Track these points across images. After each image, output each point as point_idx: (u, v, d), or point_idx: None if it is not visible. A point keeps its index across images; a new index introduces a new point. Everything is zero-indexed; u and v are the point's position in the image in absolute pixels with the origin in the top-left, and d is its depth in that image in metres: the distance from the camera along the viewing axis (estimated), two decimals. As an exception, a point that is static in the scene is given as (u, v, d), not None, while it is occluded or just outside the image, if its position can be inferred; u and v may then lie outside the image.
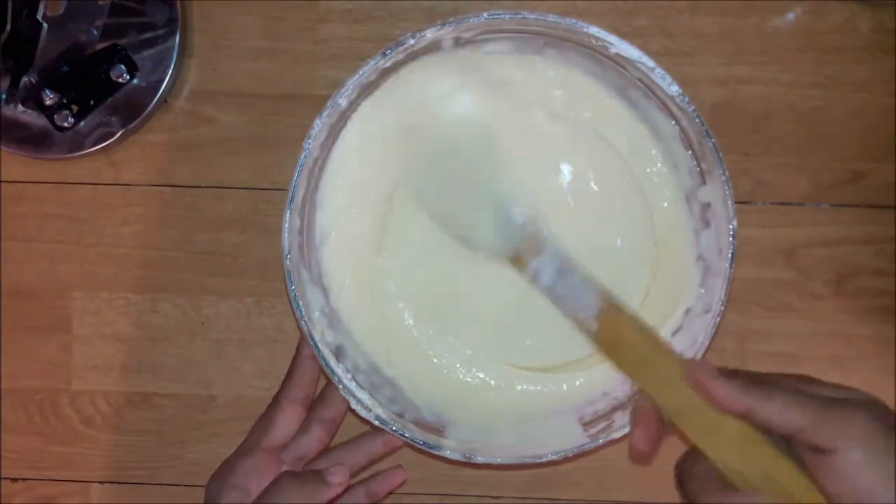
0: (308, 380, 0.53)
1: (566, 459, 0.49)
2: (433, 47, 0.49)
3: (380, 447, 0.53)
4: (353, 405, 0.49)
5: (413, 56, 0.49)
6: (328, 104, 0.47)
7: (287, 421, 0.51)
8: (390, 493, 0.55)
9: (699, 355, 0.49)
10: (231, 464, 0.50)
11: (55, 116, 0.54)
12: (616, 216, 0.53)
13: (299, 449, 0.51)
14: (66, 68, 0.54)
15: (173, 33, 0.55)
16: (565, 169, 0.53)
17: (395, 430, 0.49)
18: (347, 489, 0.53)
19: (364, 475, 0.54)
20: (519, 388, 0.54)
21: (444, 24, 0.47)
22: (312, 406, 0.53)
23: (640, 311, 0.51)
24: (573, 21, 0.47)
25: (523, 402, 0.54)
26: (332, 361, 0.49)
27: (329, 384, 0.53)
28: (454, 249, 0.53)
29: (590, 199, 0.53)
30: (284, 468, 0.50)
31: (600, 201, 0.53)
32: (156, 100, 0.55)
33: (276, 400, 0.52)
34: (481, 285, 0.54)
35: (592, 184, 0.53)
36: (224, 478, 0.50)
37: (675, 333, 0.51)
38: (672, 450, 0.57)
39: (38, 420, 0.58)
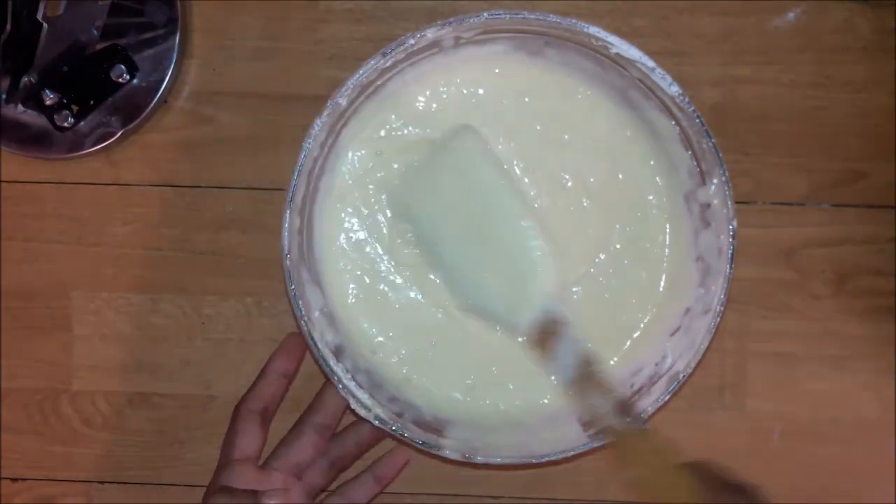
0: (269, 393, 0.52)
1: (566, 459, 0.49)
2: (433, 47, 0.49)
3: (367, 436, 0.53)
4: (353, 405, 0.49)
5: (413, 56, 0.49)
6: (328, 104, 0.47)
7: (247, 431, 0.51)
8: (398, 474, 0.55)
9: (699, 355, 0.49)
10: (213, 482, 0.50)
11: (55, 116, 0.54)
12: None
13: (295, 457, 0.51)
14: (66, 68, 0.54)
15: (173, 33, 0.55)
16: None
17: (394, 430, 0.49)
18: (354, 479, 0.53)
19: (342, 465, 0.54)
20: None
21: (444, 24, 0.47)
22: (304, 414, 0.53)
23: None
24: (573, 21, 0.47)
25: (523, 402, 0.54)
26: (332, 361, 0.49)
27: (319, 392, 0.53)
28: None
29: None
30: (276, 475, 0.50)
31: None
32: (156, 100, 0.55)
33: (237, 410, 0.52)
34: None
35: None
36: (209, 493, 0.49)
37: (674, 333, 0.51)
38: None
39: (38, 420, 0.58)
